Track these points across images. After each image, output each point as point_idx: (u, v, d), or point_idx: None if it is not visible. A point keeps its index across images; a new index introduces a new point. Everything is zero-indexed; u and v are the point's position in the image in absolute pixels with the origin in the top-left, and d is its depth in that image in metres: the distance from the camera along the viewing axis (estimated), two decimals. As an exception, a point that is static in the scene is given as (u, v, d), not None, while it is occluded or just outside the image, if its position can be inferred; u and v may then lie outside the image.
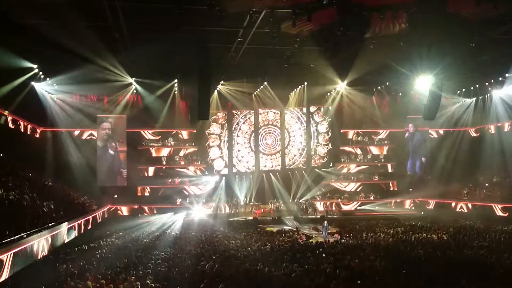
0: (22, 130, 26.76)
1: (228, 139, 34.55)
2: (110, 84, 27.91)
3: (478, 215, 26.70)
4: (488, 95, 31.41)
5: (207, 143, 34.19)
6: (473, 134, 34.13)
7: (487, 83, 30.29)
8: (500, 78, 28.79)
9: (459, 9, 18.05)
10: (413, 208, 33.20)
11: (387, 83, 31.66)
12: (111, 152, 31.13)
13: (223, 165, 34.44)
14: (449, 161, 32.36)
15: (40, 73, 25.65)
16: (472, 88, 31.55)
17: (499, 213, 25.87)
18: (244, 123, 35.06)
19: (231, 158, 34.49)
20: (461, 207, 28.87)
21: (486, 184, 30.04)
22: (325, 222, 23.26)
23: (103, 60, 21.99)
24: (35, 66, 24.67)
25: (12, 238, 14.17)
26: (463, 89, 31.81)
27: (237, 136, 34.93)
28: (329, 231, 22.68)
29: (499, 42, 21.84)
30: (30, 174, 24.29)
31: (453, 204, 29.66)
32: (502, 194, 27.58)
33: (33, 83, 26.36)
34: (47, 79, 26.62)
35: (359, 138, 35.69)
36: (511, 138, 29.71)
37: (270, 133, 35.30)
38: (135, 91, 30.49)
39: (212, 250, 16.45)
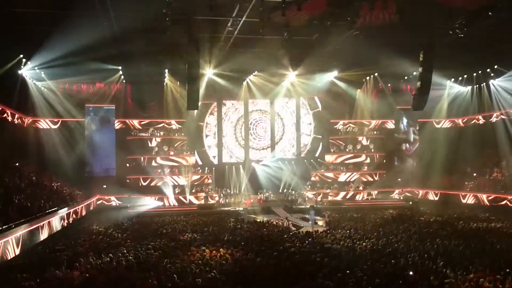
0: (10, 119, 26.41)
1: (218, 129, 34.44)
2: (98, 72, 27.65)
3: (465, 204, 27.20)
4: (476, 86, 31.63)
5: (199, 133, 34.00)
6: (462, 125, 34.30)
7: (474, 74, 30.49)
8: (488, 70, 29.00)
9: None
10: (401, 198, 33.44)
11: (376, 74, 31.75)
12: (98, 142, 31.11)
13: (213, 155, 34.36)
14: (439, 151, 32.54)
15: (29, 62, 25.34)
16: (460, 78, 31.78)
17: (487, 203, 26.18)
18: (234, 113, 34.94)
19: (221, 148, 34.40)
20: (449, 197, 29.10)
21: (474, 174, 30.32)
22: (312, 210, 23.48)
23: (91, 48, 21.67)
24: (21, 55, 24.48)
25: (0, 228, 14.07)
26: (452, 79, 32.03)
27: (227, 126, 34.82)
28: (316, 220, 22.94)
29: (489, 32, 21.86)
30: (17, 164, 24.07)
31: (441, 194, 29.91)
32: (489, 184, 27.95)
33: (19, 71, 26.00)
34: (35, 67, 26.19)
35: (348, 129, 35.80)
36: (499, 128, 29.86)
37: (260, 123, 35.23)
38: (123, 80, 30.28)
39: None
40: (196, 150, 33.78)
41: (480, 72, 29.90)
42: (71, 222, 21.52)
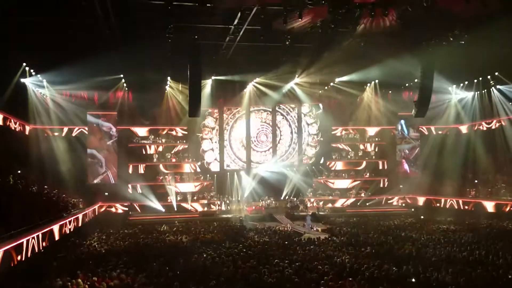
0: (12, 127, 26.44)
1: (220, 136, 34.44)
2: (100, 80, 27.73)
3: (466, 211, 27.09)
4: (477, 92, 31.61)
5: (201, 140, 34.02)
6: (464, 132, 34.23)
7: (475, 80, 30.50)
8: (489, 77, 29.03)
9: (449, 6, 18.10)
10: (403, 205, 33.35)
11: (377, 81, 31.83)
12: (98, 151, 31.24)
13: (215, 162, 34.33)
14: (441, 157, 32.52)
15: (31, 70, 25.55)
16: (461, 85, 31.81)
17: (490, 209, 26.05)
18: (235, 120, 34.95)
19: (222, 155, 34.38)
20: (451, 204, 28.98)
21: (476, 181, 30.23)
22: (309, 216, 23.61)
23: (93, 56, 21.75)
24: (24, 64, 24.65)
25: (2, 236, 14.03)
26: (454, 85, 32.05)
27: (229, 133, 34.81)
28: (313, 226, 23.03)
29: (489, 39, 21.86)
30: (19, 172, 24.08)
31: (443, 201, 29.79)
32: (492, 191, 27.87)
33: (22, 79, 26.12)
34: (37, 75, 26.41)
35: (349, 136, 35.80)
36: (501, 134, 29.79)
37: (262, 130, 35.20)
38: (126, 88, 30.39)
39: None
40: (198, 157, 33.77)
41: (481, 78, 29.92)
42: (72, 229, 21.46)
